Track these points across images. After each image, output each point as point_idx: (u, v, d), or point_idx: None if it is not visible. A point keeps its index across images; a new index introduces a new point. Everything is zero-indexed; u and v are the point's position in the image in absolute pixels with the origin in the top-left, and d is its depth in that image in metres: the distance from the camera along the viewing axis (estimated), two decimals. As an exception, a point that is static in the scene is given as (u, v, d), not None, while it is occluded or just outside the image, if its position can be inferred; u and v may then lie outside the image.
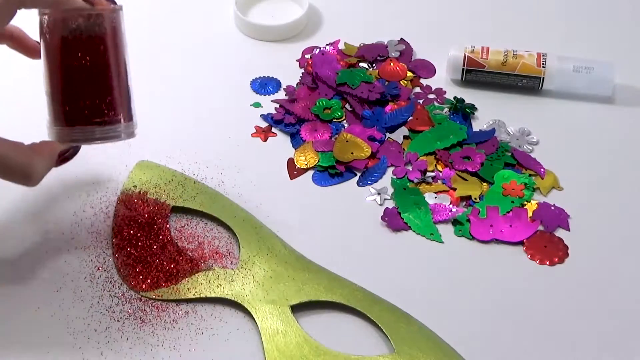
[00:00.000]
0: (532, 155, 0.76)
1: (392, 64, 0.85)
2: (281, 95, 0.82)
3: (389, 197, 0.73)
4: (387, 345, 0.62)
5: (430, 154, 0.76)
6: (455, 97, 0.81)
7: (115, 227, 0.69)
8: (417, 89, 0.83)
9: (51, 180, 0.72)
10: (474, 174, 0.75)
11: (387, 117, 0.79)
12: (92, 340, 0.62)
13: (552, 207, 0.72)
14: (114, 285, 0.66)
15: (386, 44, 0.88)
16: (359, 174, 0.75)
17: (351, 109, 0.81)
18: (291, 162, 0.76)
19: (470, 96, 0.82)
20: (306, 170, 0.75)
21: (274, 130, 0.79)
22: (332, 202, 0.73)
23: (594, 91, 0.81)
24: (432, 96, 0.82)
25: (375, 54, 0.86)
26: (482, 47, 0.82)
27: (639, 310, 0.65)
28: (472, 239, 0.70)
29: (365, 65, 0.85)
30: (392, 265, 0.68)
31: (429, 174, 0.75)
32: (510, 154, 0.76)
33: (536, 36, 0.89)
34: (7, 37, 0.66)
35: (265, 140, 0.78)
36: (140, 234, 0.68)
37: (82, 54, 0.61)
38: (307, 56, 0.86)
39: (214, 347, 0.62)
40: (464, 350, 0.62)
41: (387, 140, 0.78)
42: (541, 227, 0.70)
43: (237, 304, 0.64)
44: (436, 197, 0.73)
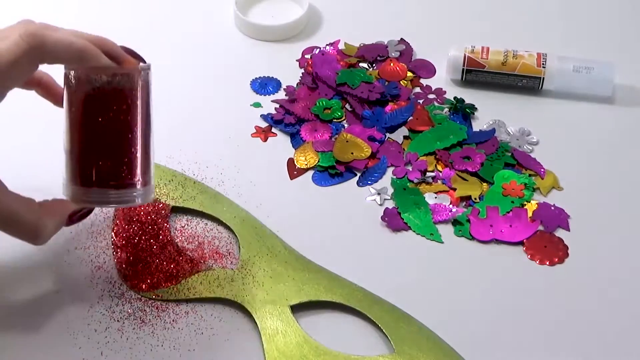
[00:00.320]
0: (532, 155, 0.76)
1: (392, 64, 0.85)
2: (281, 95, 0.82)
3: (389, 197, 0.73)
4: (387, 345, 0.62)
5: (430, 154, 0.76)
6: (455, 97, 0.81)
7: (115, 227, 0.69)
8: (417, 89, 0.83)
9: (51, 180, 0.72)
10: (474, 174, 0.75)
11: (387, 117, 0.79)
12: (92, 340, 0.62)
13: (552, 207, 0.72)
14: (114, 285, 0.66)
15: (386, 44, 0.88)
16: (359, 174, 0.75)
17: (351, 109, 0.81)
18: (291, 162, 0.76)
19: (470, 96, 0.82)
20: (306, 170, 0.75)
21: (274, 130, 0.79)
22: (332, 202, 0.73)
23: (594, 91, 0.81)
24: (432, 96, 0.82)
25: (375, 54, 0.86)
26: (482, 47, 0.82)
27: (639, 310, 0.65)
28: (472, 239, 0.70)
29: (365, 65, 0.85)
30: (392, 265, 0.68)
31: (429, 174, 0.75)
32: (510, 154, 0.76)
33: (536, 36, 0.89)
34: (35, 83, 0.64)
35: (265, 140, 0.78)
36: (140, 234, 0.68)
37: (105, 113, 0.59)
38: (307, 56, 0.86)
39: (214, 347, 0.62)
40: (464, 350, 0.62)
41: (387, 140, 0.78)
42: (541, 227, 0.70)
43: (237, 304, 0.64)
44: (436, 197, 0.73)
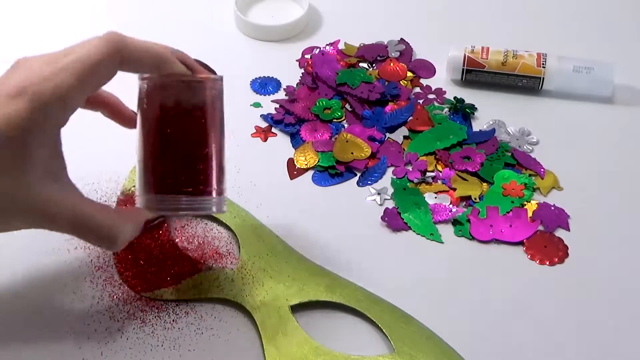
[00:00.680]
0: (532, 155, 0.76)
1: (392, 64, 0.85)
2: (281, 95, 0.82)
3: (389, 197, 0.73)
4: (387, 345, 0.62)
5: (430, 154, 0.76)
6: (455, 97, 0.81)
7: (115, 227, 0.69)
8: (417, 89, 0.83)
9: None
10: (474, 174, 0.75)
11: (387, 117, 0.79)
12: (92, 340, 0.62)
13: (552, 207, 0.72)
14: (114, 285, 0.66)
15: (386, 44, 0.88)
16: (359, 174, 0.75)
17: (351, 109, 0.81)
18: (291, 162, 0.76)
19: (470, 96, 0.82)
20: (306, 170, 0.75)
21: (274, 130, 0.79)
22: (332, 202, 0.73)
23: (594, 91, 0.81)
24: (432, 96, 0.82)
25: (375, 54, 0.86)
26: (482, 47, 0.82)
27: (639, 310, 0.65)
28: (472, 239, 0.70)
29: (365, 65, 0.85)
30: (392, 265, 0.68)
31: (429, 174, 0.75)
32: (510, 154, 0.76)
33: (536, 36, 0.89)
34: (102, 104, 0.64)
35: (265, 140, 0.78)
36: (140, 234, 0.68)
37: (180, 123, 0.59)
38: (307, 56, 0.86)
39: (214, 347, 0.62)
40: (464, 350, 0.62)
41: (387, 140, 0.78)
42: (541, 227, 0.70)
43: (237, 304, 0.64)
44: (436, 197, 0.73)
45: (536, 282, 0.67)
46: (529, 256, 0.68)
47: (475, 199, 0.73)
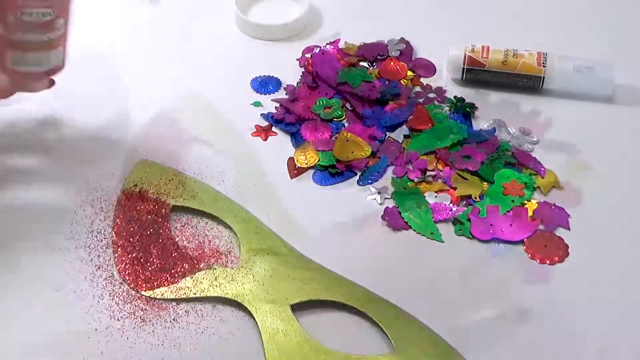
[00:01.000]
0: (533, 154, 0.76)
1: (392, 63, 0.85)
2: (281, 94, 0.82)
3: (389, 197, 0.73)
4: (387, 344, 0.62)
5: (430, 153, 0.76)
6: (455, 96, 0.81)
7: (115, 227, 0.69)
8: (418, 88, 0.83)
9: (51, 179, 0.72)
10: (475, 173, 0.75)
11: (388, 116, 0.79)
12: (92, 340, 0.62)
13: (553, 207, 0.72)
14: (114, 284, 0.66)
15: (386, 43, 0.88)
16: (359, 173, 0.75)
17: (351, 108, 0.81)
18: (291, 162, 0.76)
19: (470, 95, 0.82)
20: (306, 169, 0.75)
21: (274, 129, 0.79)
22: (332, 201, 0.73)
23: (594, 91, 0.81)
24: (432, 95, 0.82)
25: (375, 53, 0.86)
26: (483, 46, 0.82)
27: (639, 310, 0.65)
28: (472, 238, 0.70)
29: (365, 64, 0.85)
30: (392, 264, 0.68)
31: (429, 173, 0.75)
32: (510, 153, 0.76)
33: (536, 36, 0.89)
34: None
35: (265, 139, 0.78)
36: (140, 233, 0.68)
37: None
38: (308, 55, 0.86)
39: (214, 346, 0.62)
40: (464, 349, 0.62)
41: (388, 139, 0.78)
42: (541, 227, 0.70)
43: (237, 303, 0.64)
44: (436, 197, 0.73)
45: (536, 282, 0.67)
46: (529, 255, 0.68)
47: (475, 198, 0.73)
